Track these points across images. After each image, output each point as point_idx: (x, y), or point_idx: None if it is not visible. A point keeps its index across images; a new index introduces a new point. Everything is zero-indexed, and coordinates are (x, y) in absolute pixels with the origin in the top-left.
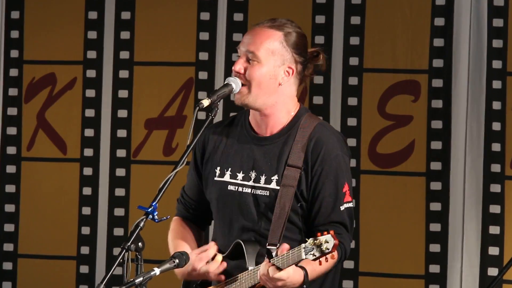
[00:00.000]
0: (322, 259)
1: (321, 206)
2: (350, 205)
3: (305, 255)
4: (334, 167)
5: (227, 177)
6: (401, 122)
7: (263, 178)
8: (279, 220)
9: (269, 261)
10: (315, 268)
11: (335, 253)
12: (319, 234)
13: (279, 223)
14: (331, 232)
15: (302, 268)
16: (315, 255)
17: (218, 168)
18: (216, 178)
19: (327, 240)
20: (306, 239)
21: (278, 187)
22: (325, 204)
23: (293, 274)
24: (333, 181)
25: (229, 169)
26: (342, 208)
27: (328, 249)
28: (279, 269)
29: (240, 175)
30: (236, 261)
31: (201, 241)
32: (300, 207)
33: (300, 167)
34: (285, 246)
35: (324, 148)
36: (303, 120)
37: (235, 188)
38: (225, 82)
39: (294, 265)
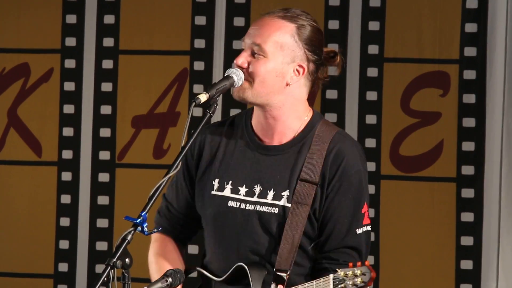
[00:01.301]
0: None
1: (335, 227)
2: (368, 228)
3: (334, 287)
4: (355, 184)
5: (227, 192)
6: (428, 120)
7: (270, 193)
8: (291, 243)
9: None
10: None
11: None
12: (351, 264)
13: (289, 247)
14: (367, 263)
15: None
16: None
17: (217, 180)
18: (213, 192)
19: (363, 272)
20: (336, 269)
21: (289, 205)
22: (339, 226)
23: None
24: (352, 199)
25: (230, 182)
26: (359, 231)
27: (365, 282)
28: None
29: (242, 190)
30: (238, 286)
31: (183, 260)
32: (313, 229)
33: (316, 182)
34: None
35: (345, 162)
36: (318, 128)
37: (236, 205)
38: (226, 74)
39: None
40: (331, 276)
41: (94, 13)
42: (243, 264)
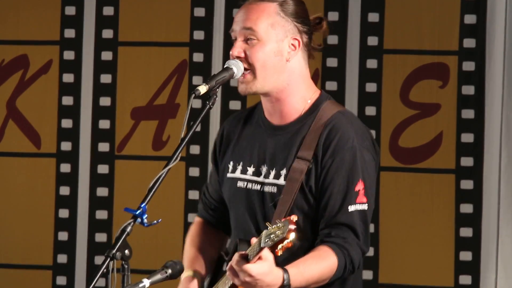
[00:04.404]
0: (284, 248)
1: (327, 204)
2: (364, 207)
3: (264, 242)
4: (348, 160)
5: (237, 173)
6: (427, 111)
7: (272, 173)
8: (278, 219)
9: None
10: (303, 272)
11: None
12: (283, 219)
13: (266, 224)
14: (293, 216)
15: (284, 269)
16: (272, 241)
17: (231, 163)
18: (228, 175)
19: (284, 224)
20: (268, 224)
21: (285, 182)
22: (331, 202)
23: (265, 272)
24: (344, 176)
25: (241, 163)
26: (351, 208)
27: (283, 234)
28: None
29: (250, 170)
30: None
31: (222, 248)
32: (307, 204)
33: (309, 159)
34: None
35: (338, 137)
36: (322, 108)
37: (244, 185)
38: (225, 66)
39: (271, 264)
40: (264, 231)
41: (93, 4)
42: (237, 240)
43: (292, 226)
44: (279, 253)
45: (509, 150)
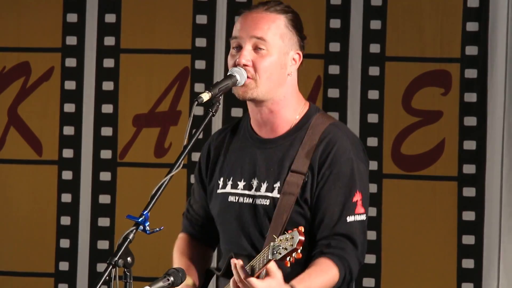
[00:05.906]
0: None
1: (325, 215)
2: (362, 217)
3: (272, 254)
4: (345, 171)
5: (228, 188)
6: (429, 119)
7: (264, 186)
8: (274, 232)
9: (242, 265)
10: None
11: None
12: (289, 230)
13: (273, 236)
14: (300, 227)
15: (292, 286)
16: (280, 254)
17: (221, 179)
18: (219, 191)
19: (293, 235)
20: (274, 236)
21: (279, 195)
22: (329, 213)
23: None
24: (342, 187)
25: (231, 178)
26: (350, 219)
27: (292, 245)
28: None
29: (241, 184)
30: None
31: (208, 262)
32: (303, 218)
33: (304, 172)
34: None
35: (334, 150)
36: (313, 120)
37: (235, 199)
38: (228, 73)
39: (279, 281)
40: (271, 243)
41: (95, 12)
42: (232, 254)
43: (302, 237)
44: (289, 264)
45: (511, 157)
